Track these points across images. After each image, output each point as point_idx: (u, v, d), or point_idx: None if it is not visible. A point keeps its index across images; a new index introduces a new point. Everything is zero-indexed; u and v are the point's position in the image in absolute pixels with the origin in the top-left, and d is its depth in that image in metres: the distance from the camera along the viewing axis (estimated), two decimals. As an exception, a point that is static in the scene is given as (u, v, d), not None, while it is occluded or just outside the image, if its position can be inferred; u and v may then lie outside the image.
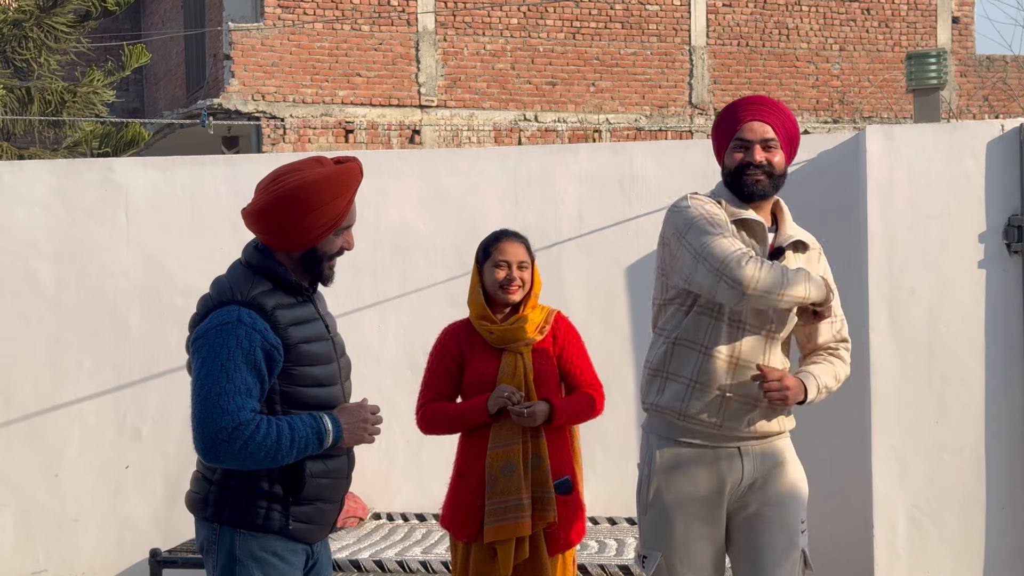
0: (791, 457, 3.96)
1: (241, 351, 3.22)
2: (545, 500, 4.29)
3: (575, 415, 4.43)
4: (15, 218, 6.66)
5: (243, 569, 3.31)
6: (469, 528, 4.33)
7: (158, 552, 5.65)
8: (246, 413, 3.19)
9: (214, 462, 3.25)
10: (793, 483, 3.92)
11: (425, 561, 5.30)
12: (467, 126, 18.23)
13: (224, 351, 3.21)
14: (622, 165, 6.35)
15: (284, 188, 3.31)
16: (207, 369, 3.22)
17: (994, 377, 5.71)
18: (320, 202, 3.30)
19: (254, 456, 3.20)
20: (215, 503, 3.36)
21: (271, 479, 3.32)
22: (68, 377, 6.60)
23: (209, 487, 3.38)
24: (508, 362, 4.36)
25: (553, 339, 4.45)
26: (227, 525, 3.33)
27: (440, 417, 4.39)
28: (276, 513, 3.32)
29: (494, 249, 4.42)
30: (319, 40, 17.81)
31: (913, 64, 8.57)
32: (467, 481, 4.36)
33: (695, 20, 19.27)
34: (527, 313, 4.40)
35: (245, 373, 3.21)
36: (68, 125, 15.59)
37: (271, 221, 3.36)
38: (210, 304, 3.35)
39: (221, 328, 3.24)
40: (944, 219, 5.76)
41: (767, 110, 3.96)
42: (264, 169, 6.65)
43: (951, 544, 5.72)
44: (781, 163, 3.93)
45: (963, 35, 20.51)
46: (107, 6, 15.13)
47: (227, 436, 3.19)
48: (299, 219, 3.31)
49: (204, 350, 3.25)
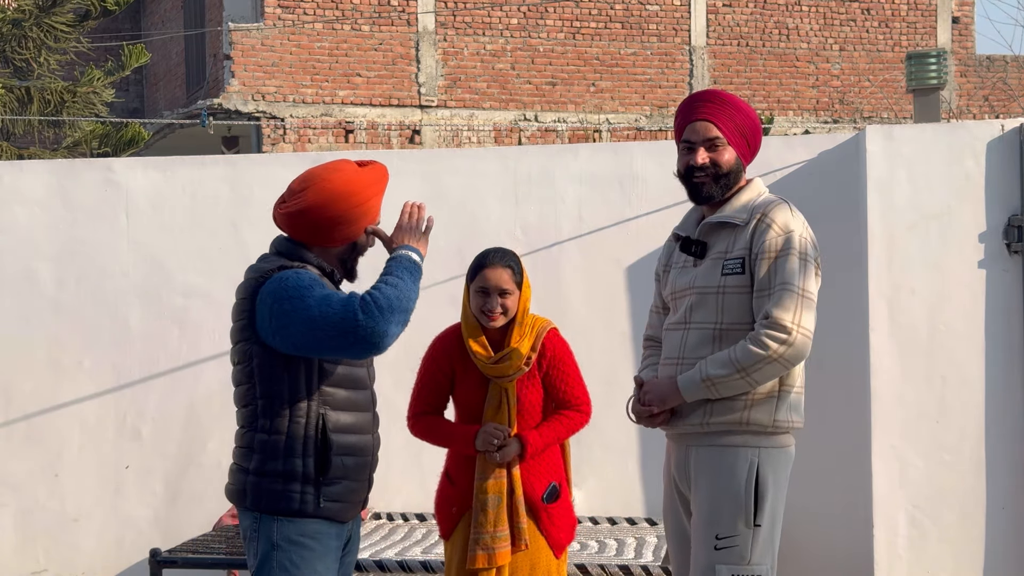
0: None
1: (308, 278, 3.43)
2: (517, 531, 4.33)
3: (553, 440, 4.41)
4: (15, 218, 6.66)
5: (282, 554, 3.48)
6: (445, 527, 4.43)
7: (158, 552, 5.65)
8: (355, 296, 3.38)
9: (380, 339, 3.37)
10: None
11: (425, 561, 5.31)
12: (467, 126, 18.23)
13: (301, 288, 3.39)
14: (622, 165, 6.35)
15: (335, 184, 3.51)
16: (302, 306, 3.36)
17: (994, 377, 5.71)
18: (365, 198, 3.54)
19: (393, 308, 3.37)
20: (253, 492, 3.51)
21: (304, 461, 3.48)
22: (68, 377, 6.60)
23: (246, 477, 3.53)
24: (493, 395, 4.34)
25: (538, 365, 4.39)
26: (266, 513, 3.49)
27: (430, 433, 4.45)
28: (309, 496, 3.49)
29: (478, 275, 4.35)
30: (319, 40, 17.81)
31: (913, 64, 8.57)
32: (452, 489, 4.42)
33: (695, 20, 19.27)
34: (515, 346, 4.31)
35: (324, 288, 3.43)
36: (68, 125, 15.58)
37: (322, 216, 3.53)
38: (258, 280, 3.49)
39: (282, 283, 3.41)
40: (944, 219, 5.76)
41: (711, 107, 3.88)
42: (264, 169, 6.70)
43: (951, 544, 5.73)
44: (729, 160, 3.85)
45: (963, 35, 20.51)
46: (107, 6, 15.12)
47: (363, 316, 3.35)
48: (347, 213, 3.53)
49: (283, 302, 3.39)
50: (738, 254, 3.79)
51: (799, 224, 3.80)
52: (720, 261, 3.82)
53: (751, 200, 3.87)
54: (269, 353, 3.47)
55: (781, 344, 3.67)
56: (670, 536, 4.02)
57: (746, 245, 3.78)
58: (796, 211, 3.86)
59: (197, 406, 6.47)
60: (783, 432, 3.84)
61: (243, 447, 3.57)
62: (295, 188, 3.57)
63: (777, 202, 3.84)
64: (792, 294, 3.70)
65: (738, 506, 3.73)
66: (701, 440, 3.83)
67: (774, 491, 3.78)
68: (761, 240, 3.76)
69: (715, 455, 3.79)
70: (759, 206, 3.83)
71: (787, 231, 3.76)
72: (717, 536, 3.72)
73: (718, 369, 3.73)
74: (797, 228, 3.78)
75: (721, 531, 3.72)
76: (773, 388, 3.79)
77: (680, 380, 3.80)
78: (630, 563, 5.24)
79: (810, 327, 3.72)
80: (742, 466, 3.75)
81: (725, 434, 3.79)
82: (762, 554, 3.75)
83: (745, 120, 3.87)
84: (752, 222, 3.80)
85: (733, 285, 3.79)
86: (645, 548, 5.59)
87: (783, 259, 3.73)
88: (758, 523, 3.73)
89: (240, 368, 3.56)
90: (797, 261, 3.73)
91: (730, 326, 3.80)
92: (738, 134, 3.86)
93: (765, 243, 3.76)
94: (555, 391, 4.41)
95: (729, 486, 3.75)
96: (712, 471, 3.79)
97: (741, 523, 3.72)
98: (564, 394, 4.43)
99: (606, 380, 5.89)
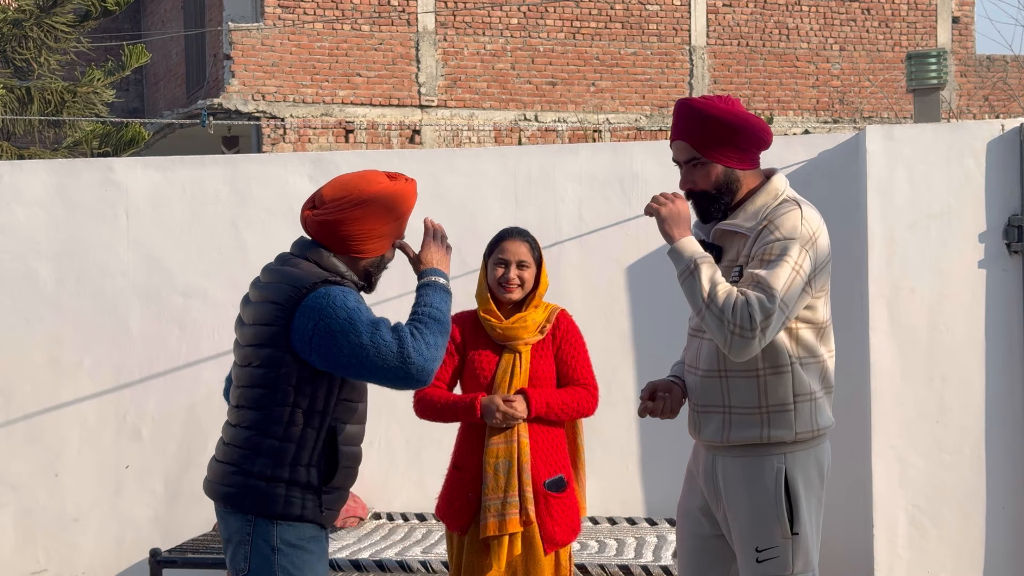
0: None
1: (354, 298, 3.45)
2: (523, 498, 4.33)
3: (558, 407, 4.43)
4: (15, 218, 6.66)
5: (283, 558, 3.48)
6: (462, 520, 4.41)
7: (158, 552, 5.65)
8: (403, 329, 3.41)
9: (428, 377, 3.41)
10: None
11: (425, 561, 5.30)
12: (467, 126, 18.23)
13: (349, 310, 3.40)
14: (622, 165, 6.35)
15: (376, 198, 3.54)
16: (353, 331, 3.38)
17: (994, 377, 5.71)
18: (401, 213, 3.60)
19: (439, 344, 3.44)
20: (255, 495, 3.48)
21: (308, 470, 3.50)
22: (68, 377, 6.60)
23: (246, 480, 3.50)
24: (507, 361, 4.44)
25: (552, 337, 4.50)
26: (264, 516, 3.48)
27: (433, 405, 4.48)
28: (310, 502, 3.50)
29: (497, 247, 4.51)
30: (319, 40, 17.81)
31: (913, 64, 8.56)
32: (462, 474, 4.45)
33: (695, 20, 19.27)
34: (529, 312, 4.47)
35: (370, 312, 3.44)
36: (68, 125, 15.58)
37: (360, 228, 3.55)
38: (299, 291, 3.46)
39: (330, 300, 3.41)
40: (944, 219, 5.76)
41: (684, 124, 3.64)
42: (264, 169, 6.70)
43: (951, 544, 5.73)
44: (715, 179, 3.61)
45: (963, 35, 20.50)
46: (107, 6, 15.12)
47: (415, 352, 3.38)
48: (384, 228, 3.57)
49: (330, 321, 3.40)
50: (743, 261, 3.60)
51: (807, 231, 3.55)
52: (731, 270, 3.65)
53: (764, 205, 3.62)
54: (301, 365, 3.45)
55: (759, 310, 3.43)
56: (682, 536, 3.89)
57: (749, 252, 3.59)
58: (810, 217, 3.60)
59: (197, 406, 6.47)
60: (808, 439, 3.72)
61: (245, 449, 3.51)
62: (331, 196, 3.55)
63: (789, 207, 3.60)
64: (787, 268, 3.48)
65: (772, 517, 3.63)
66: (725, 452, 3.72)
67: (806, 494, 3.67)
68: (761, 245, 3.56)
69: (740, 465, 3.68)
70: (769, 212, 3.59)
71: (790, 237, 3.52)
72: (757, 549, 3.64)
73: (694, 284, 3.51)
74: (803, 236, 3.54)
75: (760, 543, 3.64)
76: (787, 401, 3.65)
77: (680, 243, 3.57)
78: (630, 563, 5.24)
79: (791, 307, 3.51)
80: (769, 475, 3.64)
81: (750, 452, 3.67)
82: (805, 561, 3.66)
83: (723, 128, 3.58)
84: (759, 228, 3.58)
85: None
86: (645, 548, 5.59)
87: (780, 243, 3.52)
88: (795, 531, 3.63)
89: (261, 372, 3.49)
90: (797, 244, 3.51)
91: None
92: (718, 145, 3.59)
93: (763, 247, 3.55)
94: (565, 366, 4.49)
95: (760, 497, 3.64)
96: (740, 481, 3.68)
97: (778, 534, 3.62)
98: (574, 371, 4.50)
99: (606, 380, 5.89)
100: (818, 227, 3.63)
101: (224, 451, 3.58)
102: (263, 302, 3.51)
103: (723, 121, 3.59)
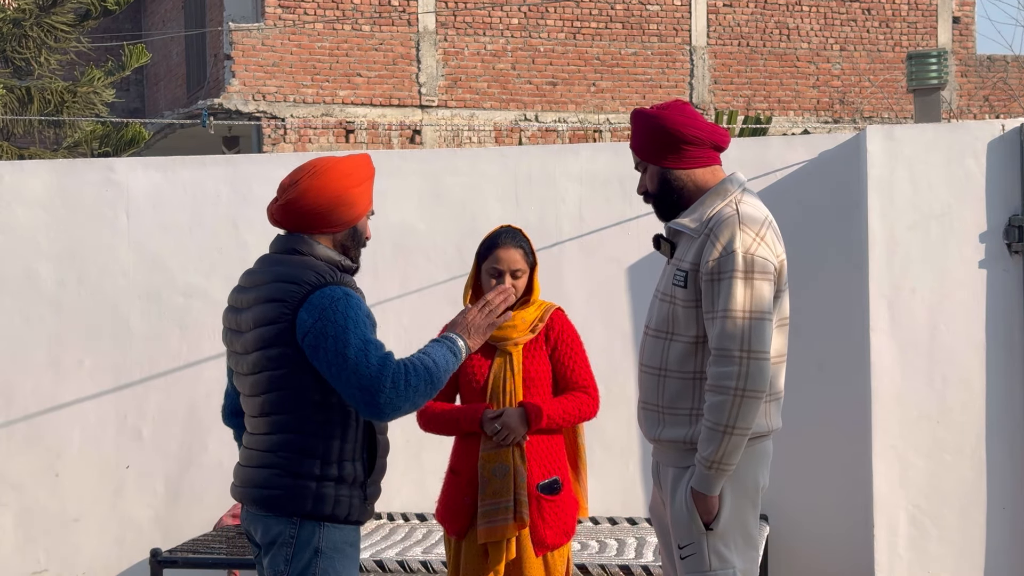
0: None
1: (361, 312, 3.42)
2: (518, 502, 4.33)
3: (559, 416, 4.40)
4: (15, 218, 6.66)
5: (325, 560, 3.46)
6: (459, 524, 4.40)
7: (158, 552, 5.65)
8: (392, 361, 3.37)
9: (392, 413, 3.38)
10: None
11: (425, 561, 5.31)
12: (468, 126, 18.24)
13: (348, 319, 3.38)
14: (623, 165, 6.35)
15: (326, 168, 3.54)
16: (342, 340, 3.36)
17: (994, 377, 5.71)
18: (358, 179, 3.56)
19: (418, 391, 3.38)
20: (305, 497, 3.44)
21: (354, 465, 3.48)
22: (68, 377, 6.60)
23: (295, 482, 3.45)
24: (498, 365, 4.39)
25: (546, 337, 4.44)
26: (312, 518, 3.45)
27: (436, 419, 4.45)
28: (356, 500, 3.49)
29: (490, 255, 4.40)
30: (320, 40, 17.81)
31: (914, 64, 8.58)
32: (459, 478, 4.43)
33: (696, 20, 19.28)
34: (519, 311, 4.41)
35: (371, 331, 3.42)
36: (68, 125, 15.58)
37: (320, 199, 3.52)
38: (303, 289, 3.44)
39: (334, 303, 3.39)
40: (944, 219, 5.76)
41: (632, 133, 3.84)
42: (265, 169, 6.70)
43: (951, 544, 5.73)
44: (652, 180, 3.79)
45: (964, 35, 20.51)
46: (107, 5, 15.12)
47: (390, 385, 3.34)
48: (344, 194, 3.53)
49: (326, 323, 3.38)
50: (686, 267, 3.69)
51: (747, 240, 3.61)
52: (675, 269, 3.75)
53: (712, 209, 3.70)
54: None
55: (734, 379, 3.54)
56: (656, 533, 4.02)
57: (695, 260, 3.67)
58: (750, 225, 3.64)
59: (197, 406, 6.47)
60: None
61: (288, 452, 3.44)
62: (286, 183, 3.58)
63: (728, 218, 3.65)
64: (733, 320, 3.55)
65: (688, 512, 3.68)
66: (661, 450, 3.82)
67: (733, 495, 3.68)
68: (704, 260, 3.63)
69: (672, 463, 3.77)
70: (713, 220, 3.67)
71: (728, 251, 3.59)
72: (679, 546, 3.71)
73: (709, 447, 3.59)
74: (741, 245, 3.59)
75: (681, 540, 3.71)
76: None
77: (695, 483, 3.67)
78: (631, 563, 5.24)
79: (762, 347, 3.56)
80: (690, 474, 3.70)
81: (678, 451, 3.74)
82: (723, 558, 3.67)
83: (654, 132, 3.74)
84: (701, 237, 3.68)
85: (680, 297, 3.70)
86: (646, 548, 5.59)
87: (722, 282, 3.59)
88: (710, 527, 3.66)
89: (280, 374, 3.44)
90: (738, 282, 3.57)
91: (676, 338, 3.73)
92: (653, 149, 3.76)
93: (706, 264, 3.62)
94: (562, 368, 4.44)
95: (681, 495, 3.71)
96: (669, 480, 3.77)
97: (694, 531, 3.67)
98: (572, 372, 4.45)
99: (606, 380, 5.88)
100: (759, 228, 3.67)
101: (260, 457, 3.51)
102: (263, 302, 3.47)
103: (658, 126, 3.75)
